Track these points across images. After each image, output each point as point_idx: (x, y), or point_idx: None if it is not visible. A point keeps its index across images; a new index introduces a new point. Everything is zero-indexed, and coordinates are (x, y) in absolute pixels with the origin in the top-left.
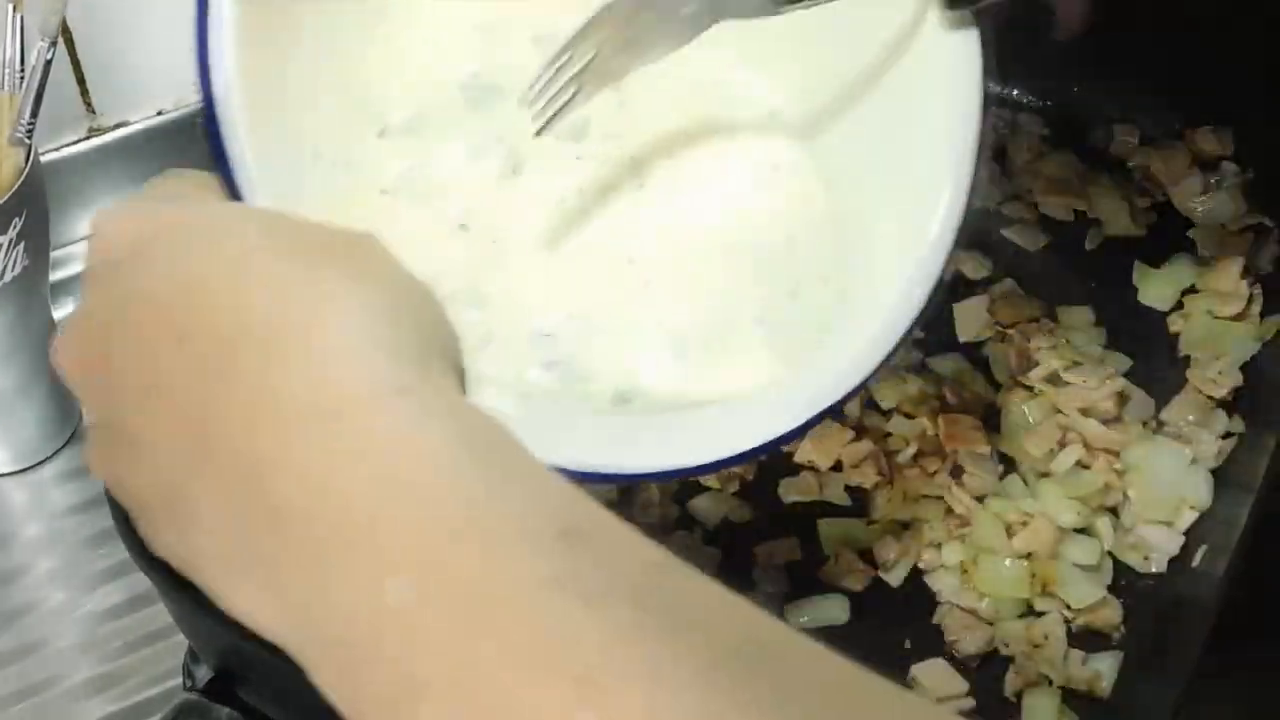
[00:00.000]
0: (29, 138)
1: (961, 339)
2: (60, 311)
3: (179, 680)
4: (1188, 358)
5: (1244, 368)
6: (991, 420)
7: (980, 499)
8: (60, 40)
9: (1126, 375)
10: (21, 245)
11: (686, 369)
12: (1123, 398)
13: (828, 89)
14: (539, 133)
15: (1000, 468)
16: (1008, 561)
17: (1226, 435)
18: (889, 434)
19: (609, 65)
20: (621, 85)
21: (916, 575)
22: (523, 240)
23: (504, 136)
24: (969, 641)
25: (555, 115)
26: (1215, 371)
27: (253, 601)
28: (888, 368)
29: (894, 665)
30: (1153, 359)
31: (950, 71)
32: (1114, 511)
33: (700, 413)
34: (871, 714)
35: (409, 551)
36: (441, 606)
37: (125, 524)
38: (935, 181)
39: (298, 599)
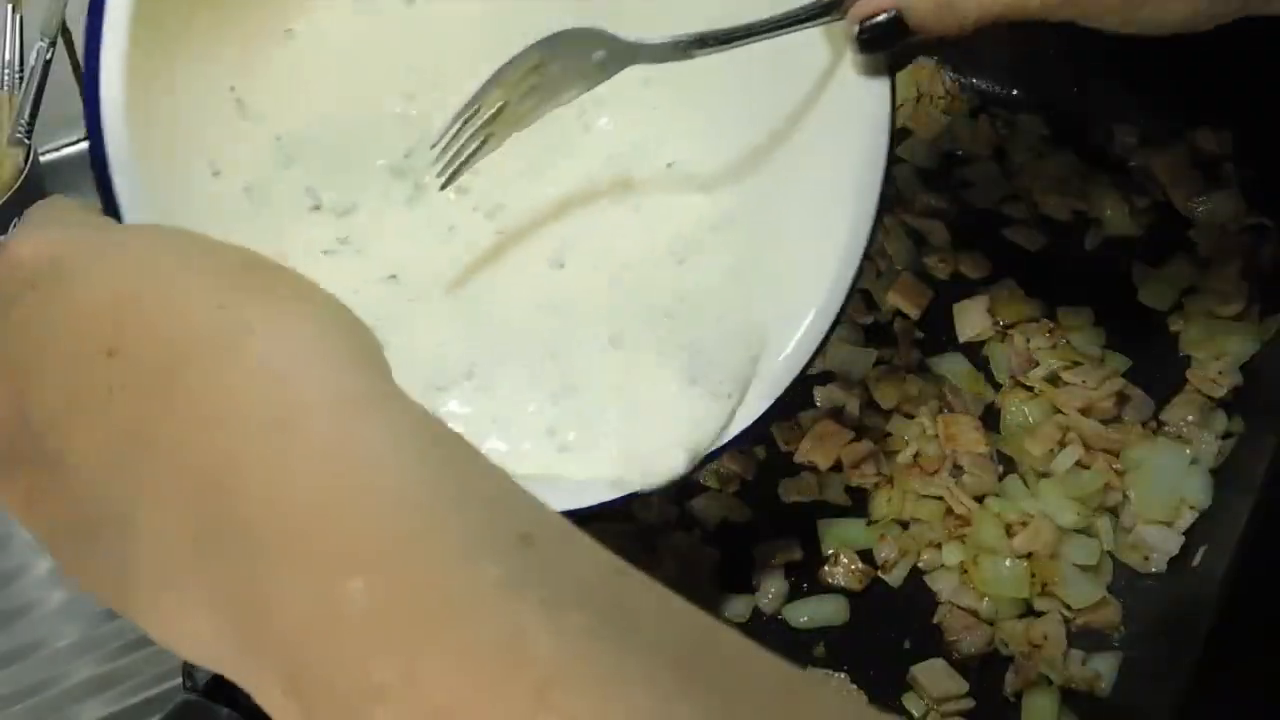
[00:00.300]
0: (29, 138)
1: (961, 339)
2: None
3: (179, 680)
4: (1188, 358)
5: (1244, 368)
6: (991, 420)
7: (980, 499)
8: (60, 40)
9: (1126, 375)
10: None
11: (557, 453)
12: (1123, 398)
13: (741, 142)
14: (444, 185)
15: (1000, 468)
16: (1008, 561)
17: (1226, 435)
18: (889, 434)
19: (518, 111)
20: (532, 160)
21: (916, 575)
22: (439, 299)
23: (435, 214)
24: (969, 641)
25: (463, 165)
26: (1215, 371)
27: (190, 623)
28: (886, 373)
29: (894, 665)
30: (1153, 359)
31: (860, 119)
32: (1114, 511)
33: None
34: (817, 715)
35: (367, 555)
36: (400, 610)
37: None
38: (838, 231)
39: (245, 612)
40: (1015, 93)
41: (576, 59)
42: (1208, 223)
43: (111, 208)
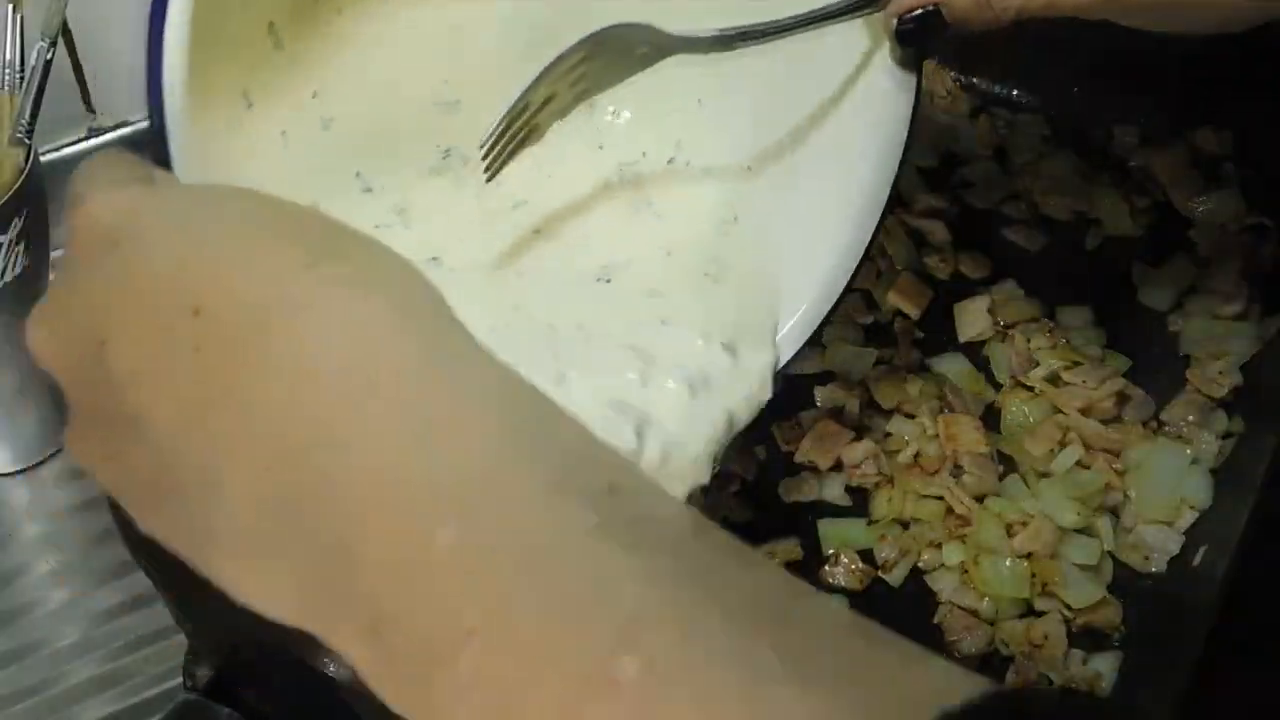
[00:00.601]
0: (29, 138)
1: (961, 339)
2: None
3: (179, 680)
4: (1188, 358)
5: (1244, 368)
6: (991, 420)
7: (980, 499)
8: (60, 40)
9: (1126, 375)
10: (21, 245)
11: None
12: (1123, 398)
13: (758, 132)
14: (490, 178)
15: (1000, 468)
16: (1008, 561)
17: (1226, 435)
18: (889, 434)
19: (562, 103)
20: (551, 156)
21: (916, 575)
22: (477, 288)
23: (469, 204)
24: (969, 641)
25: (508, 158)
26: (1215, 371)
27: (271, 579)
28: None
29: None
30: (1153, 359)
31: (885, 109)
32: (1114, 511)
33: None
34: (897, 663)
35: (457, 503)
36: (489, 554)
37: (126, 523)
38: (844, 223)
39: (330, 565)
40: (1015, 93)
41: (620, 52)
42: (1208, 223)
43: (162, 145)
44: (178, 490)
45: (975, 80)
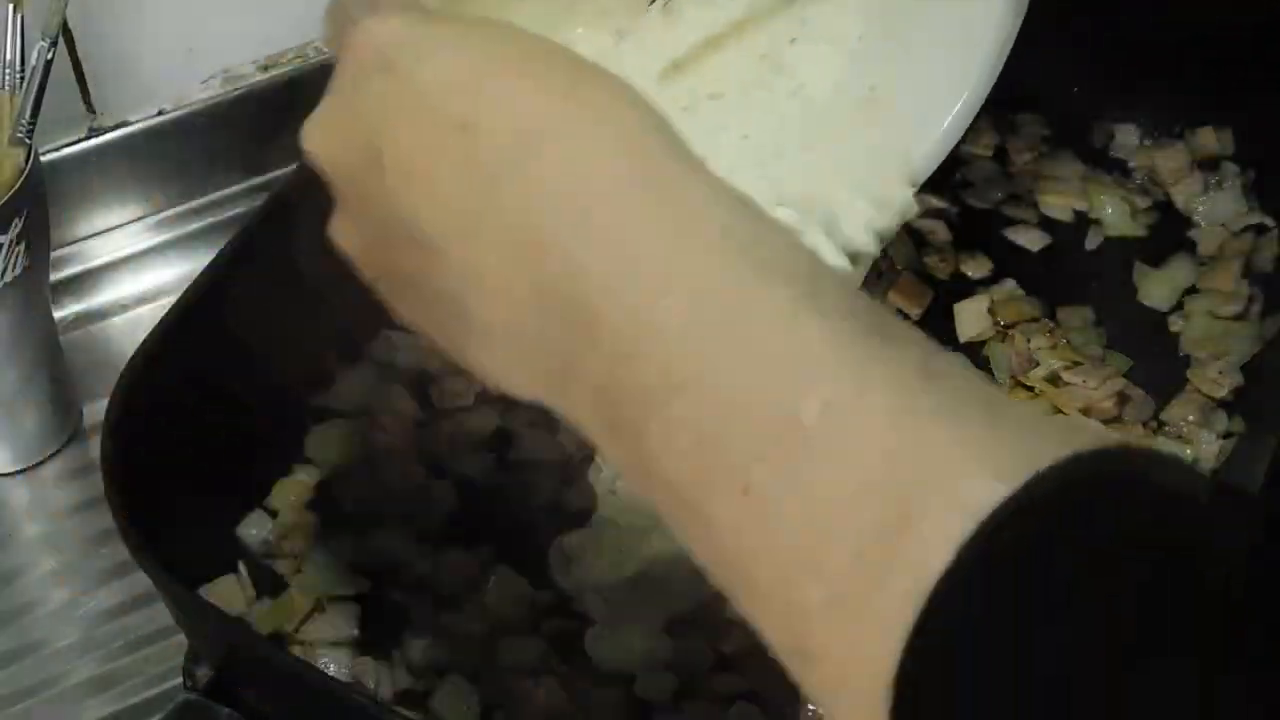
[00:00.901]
0: (29, 138)
1: (961, 339)
2: (61, 312)
3: (179, 680)
4: (1188, 358)
5: (1244, 368)
6: None
7: None
8: (60, 40)
9: (1126, 375)
10: (22, 245)
11: None
12: (1123, 398)
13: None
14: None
15: None
16: None
17: (1226, 435)
18: None
19: None
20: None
21: None
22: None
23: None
24: None
25: None
26: (1215, 371)
27: (521, 364)
28: None
29: None
30: (1153, 359)
31: None
32: None
33: None
34: (1032, 413)
35: (680, 279)
36: (700, 321)
37: (125, 522)
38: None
39: (572, 345)
40: (1015, 93)
41: None
42: (1208, 223)
43: None
44: (435, 287)
45: None
